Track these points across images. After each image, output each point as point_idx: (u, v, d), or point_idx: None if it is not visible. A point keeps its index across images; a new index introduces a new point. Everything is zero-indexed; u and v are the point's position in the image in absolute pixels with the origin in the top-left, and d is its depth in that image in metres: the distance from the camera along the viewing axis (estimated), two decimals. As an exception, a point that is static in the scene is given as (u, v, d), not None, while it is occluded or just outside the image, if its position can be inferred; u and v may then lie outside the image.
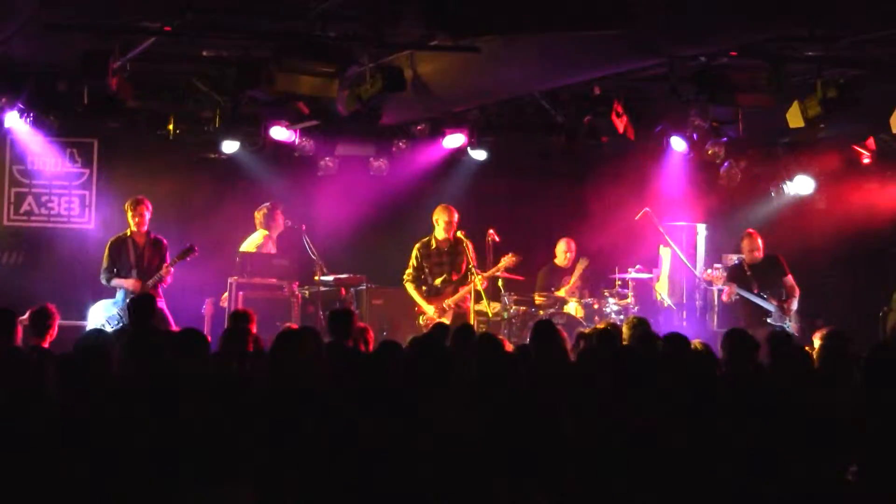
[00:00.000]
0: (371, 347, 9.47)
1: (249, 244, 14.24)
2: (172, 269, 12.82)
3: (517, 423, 5.63)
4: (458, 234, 13.72)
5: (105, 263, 12.93)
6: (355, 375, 6.26)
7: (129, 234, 13.01)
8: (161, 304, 12.35)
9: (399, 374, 6.20)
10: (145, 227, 13.00)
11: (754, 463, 5.46)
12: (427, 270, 13.82)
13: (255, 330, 9.38)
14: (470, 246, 13.69)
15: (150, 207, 13.05)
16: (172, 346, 7.48)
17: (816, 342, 9.47)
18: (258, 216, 14.32)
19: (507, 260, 13.78)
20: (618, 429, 5.54)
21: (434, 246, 13.83)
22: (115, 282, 12.83)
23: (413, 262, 13.88)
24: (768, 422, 5.84)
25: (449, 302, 13.65)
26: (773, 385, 6.63)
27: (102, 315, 12.55)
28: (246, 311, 9.83)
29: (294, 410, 5.72)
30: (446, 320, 13.02)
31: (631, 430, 5.52)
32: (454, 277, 13.72)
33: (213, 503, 4.11)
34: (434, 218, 13.84)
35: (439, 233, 13.77)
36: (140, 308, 10.13)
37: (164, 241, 13.11)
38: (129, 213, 12.99)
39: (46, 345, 9.32)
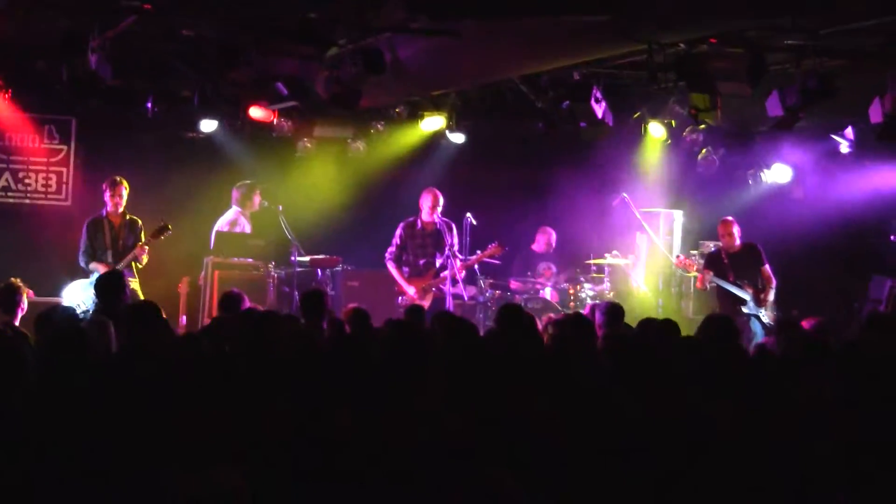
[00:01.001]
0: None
1: (223, 221, 14.26)
2: (147, 249, 12.74)
3: (498, 413, 5.64)
4: (443, 217, 13.74)
5: (83, 245, 12.83)
6: (338, 361, 6.24)
7: (104, 214, 12.93)
8: (133, 283, 12.32)
9: (382, 360, 6.20)
10: (121, 208, 12.93)
11: (743, 452, 5.49)
12: (410, 251, 13.84)
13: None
14: (454, 230, 13.70)
15: (128, 188, 12.98)
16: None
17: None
18: (235, 193, 14.36)
19: (493, 250, 13.81)
20: (611, 421, 5.56)
21: (419, 227, 13.84)
22: (93, 265, 12.71)
23: (397, 240, 13.89)
24: (755, 408, 5.88)
25: (430, 284, 13.66)
26: (756, 372, 6.65)
27: (79, 295, 12.46)
28: (240, 295, 9.79)
29: (280, 394, 5.72)
30: (426, 302, 13.10)
31: (625, 423, 5.54)
32: (437, 260, 13.73)
33: (202, 489, 4.09)
34: (420, 200, 13.85)
35: (425, 215, 13.79)
36: (109, 286, 9.82)
37: (140, 222, 13.02)
38: (107, 194, 12.92)
39: (17, 321, 9.28)
